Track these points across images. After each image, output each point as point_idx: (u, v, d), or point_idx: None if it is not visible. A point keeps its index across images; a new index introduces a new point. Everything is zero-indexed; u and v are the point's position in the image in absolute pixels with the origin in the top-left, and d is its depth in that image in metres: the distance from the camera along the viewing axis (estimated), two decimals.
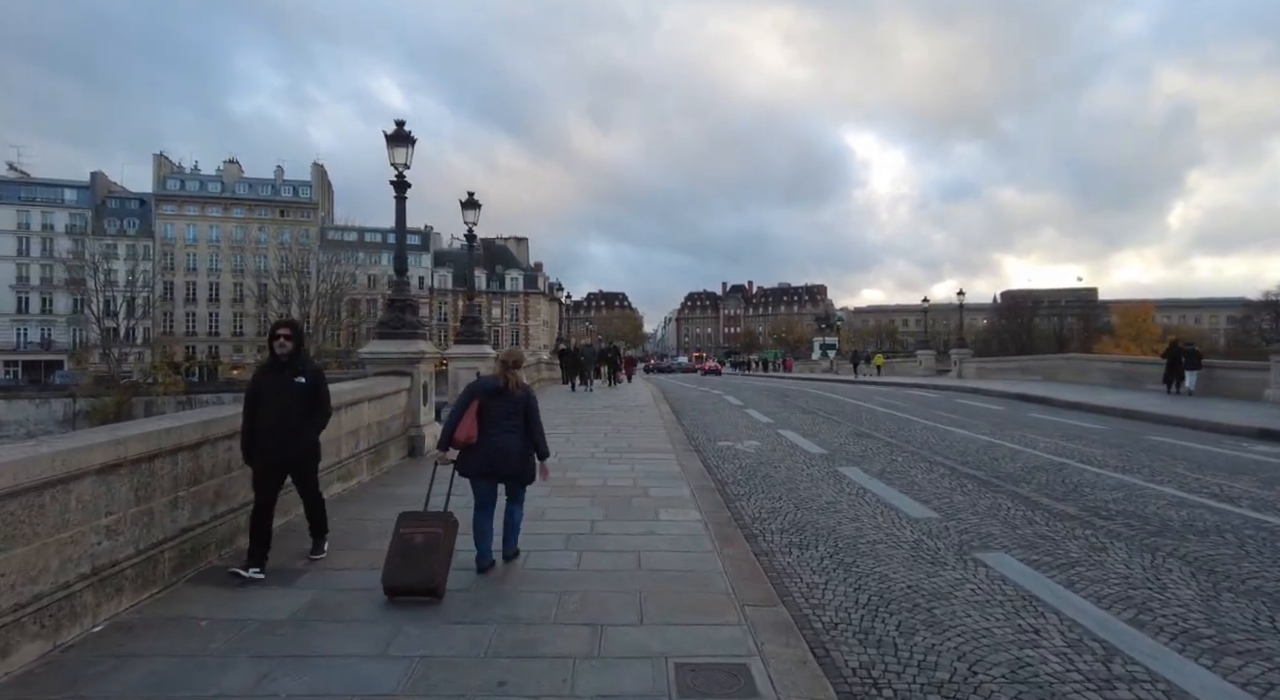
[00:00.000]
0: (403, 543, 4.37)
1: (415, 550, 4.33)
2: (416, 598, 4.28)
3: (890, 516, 6.99)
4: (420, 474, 8.18)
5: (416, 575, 4.27)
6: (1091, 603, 4.65)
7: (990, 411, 17.03)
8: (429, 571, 4.28)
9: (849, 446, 11.47)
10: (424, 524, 4.48)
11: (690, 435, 13.05)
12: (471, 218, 13.39)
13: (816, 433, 13.18)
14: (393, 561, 4.32)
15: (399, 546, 4.37)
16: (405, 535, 4.40)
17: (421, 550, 4.33)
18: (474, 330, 13.64)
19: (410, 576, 4.28)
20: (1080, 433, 12.90)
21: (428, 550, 4.34)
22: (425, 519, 4.55)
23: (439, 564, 4.34)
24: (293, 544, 5.31)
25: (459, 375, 13.52)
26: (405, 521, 4.52)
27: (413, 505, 5.08)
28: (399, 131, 9.44)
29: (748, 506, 7.44)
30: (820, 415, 16.49)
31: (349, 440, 7.27)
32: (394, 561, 4.32)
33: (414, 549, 4.33)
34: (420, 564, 4.29)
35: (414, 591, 4.28)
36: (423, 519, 4.55)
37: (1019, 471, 9.17)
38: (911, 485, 8.38)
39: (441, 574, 4.36)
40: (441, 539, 4.42)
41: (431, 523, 4.50)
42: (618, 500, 6.95)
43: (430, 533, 4.40)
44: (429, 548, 4.35)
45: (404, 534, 4.41)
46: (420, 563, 4.29)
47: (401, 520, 4.53)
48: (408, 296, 9.49)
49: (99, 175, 75.95)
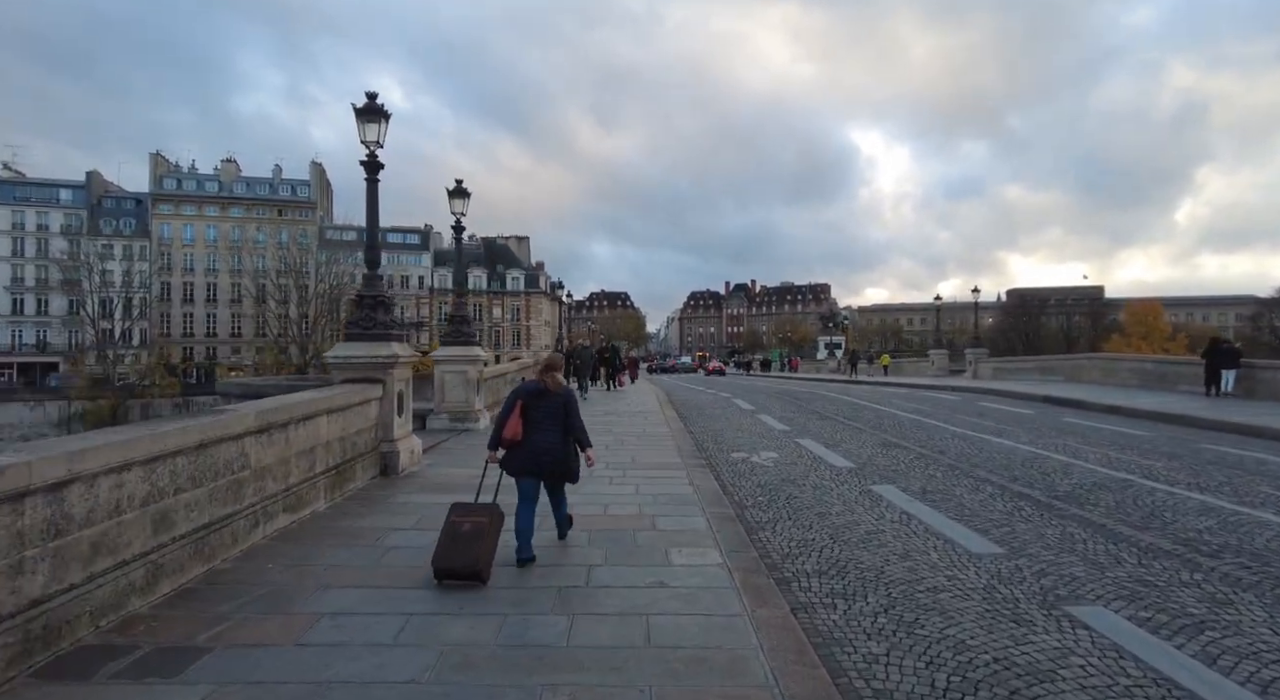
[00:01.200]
0: (452, 529, 4.72)
1: (463, 537, 4.67)
2: (462, 581, 4.59)
3: (946, 552, 5.84)
4: (391, 499, 7.04)
5: (463, 559, 4.60)
6: (1256, 694, 3.49)
7: (1021, 416, 15.84)
8: (474, 557, 4.60)
9: (878, 459, 10.30)
10: (472, 514, 4.82)
11: (700, 445, 11.89)
12: (460, 207, 12.23)
13: (839, 442, 12.01)
14: (442, 545, 4.68)
15: (449, 531, 4.72)
16: (455, 523, 4.75)
17: (468, 537, 4.66)
18: (462, 330, 12.45)
19: (457, 560, 4.60)
20: (1128, 441, 11.72)
21: (474, 538, 4.67)
22: (474, 510, 4.87)
23: (484, 551, 4.67)
24: (198, 609, 4.15)
25: (446, 379, 12.44)
26: (455, 511, 4.86)
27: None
28: (370, 105, 8.31)
29: (774, 539, 6.28)
30: (840, 421, 15.30)
31: (300, 462, 6.13)
32: (444, 545, 4.68)
33: (461, 535, 4.68)
34: (467, 550, 4.62)
35: (459, 575, 4.61)
36: (472, 510, 4.87)
37: (1079, 490, 8.00)
38: (960, 509, 7.22)
39: (486, 560, 4.68)
40: (487, 529, 4.75)
41: (479, 513, 4.83)
42: (620, 536, 5.79)
43: (477, 522, 4.75)
44: (475, 535, 4.68)
45: (454, 521, 4.76)
46: (467, 549, 4.61)
47: (453, 510, 4.88)
48: (379, 292, 8.34)
49: (94, 175, 75.01)
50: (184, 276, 76.93)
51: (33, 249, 71.29)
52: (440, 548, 4.66)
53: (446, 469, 8.66)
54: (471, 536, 4.66)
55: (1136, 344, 77.53)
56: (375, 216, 8.46)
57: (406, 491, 7.33)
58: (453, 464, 9.17)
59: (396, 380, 8.15)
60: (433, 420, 12.36)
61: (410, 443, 8.57)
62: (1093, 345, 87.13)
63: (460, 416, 12.40)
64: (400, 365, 8.21)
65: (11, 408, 60.92)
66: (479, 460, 9.74)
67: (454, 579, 4.62)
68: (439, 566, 4.63)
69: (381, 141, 8.46)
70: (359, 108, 8.30)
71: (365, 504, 6.77)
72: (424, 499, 7.02)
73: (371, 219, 8.42)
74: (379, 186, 8.44)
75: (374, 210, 8.42)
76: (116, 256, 72.10)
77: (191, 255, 77.18)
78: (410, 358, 8.44)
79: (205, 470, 4.68)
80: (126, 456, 3.83)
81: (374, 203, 8.39)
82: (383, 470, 7.99)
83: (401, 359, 8.14)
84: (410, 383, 8.69)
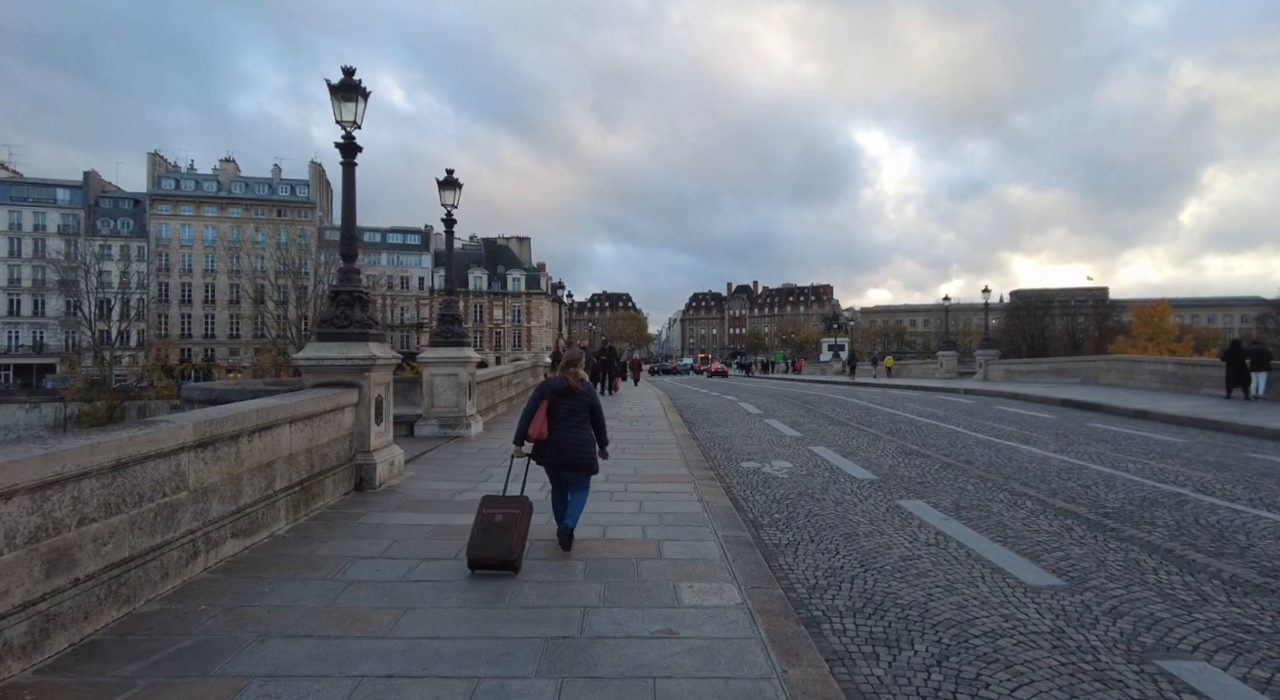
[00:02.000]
0: (485, 520, 4.82)
1: (496, 528, 4.77)
2: (495, 571, 4.72)
3: (997, 583, 5.05)
4: (363, 519, 6.26)
5: (496, 550, 4.71)
6: None
7: (1043, 421, 15.03)
8: (507, 547, 4.72)
9: (900, 469, 9.50)
10: (504, 506, 4.93)
11: (707, 453, 11.10)
12: (450, 199, 11.43)
13: (856, 450, 11.21)
14: (476, 537, 4.77)
15: (482, 523, 4.81)
16: (488, 515, 4.85)
17: (501, 528, 4.78)
18: (453, 330, 11.62)
19: (491, 551, 4.71)
20: (1166, 449, 10.91)
21: (506, 528, 4.78)
22: (505, 502, 4.99)
23: (517, 541, 4.78)
24: (98, 671, 3.37)
25: (435, 383, 11.45)
26: (487, 503, 4.98)
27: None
28: (347, 82, 7.55)
29: (797, 566, 5.49)
30: (853, 426, 14.49)
31: (255, 479, 5.34)
32: (477, 537, 4.77)
33: (495, 526, 4.78)
34: (500, 541, 4.73)
35: (493, 565, 4.72)
36: (503, 502, 4.99)
37: (1129, 507, 7.21)
38: (1002, 529, 6.44)
39: (518, 550, 4.78)
40: (519, 519, 4.86)
41: (510, 505, 4.94)
42: (621, 567, 5.00)
43: (509, 513, 4.86)
44: (508, 526, 4.79)
45: (486, 514, 4.86)
46: (500, 540, 4.73)
47: (484, 502, 5.00)
48: (356, 287, 7.55)
49: (92, 174, 74.37)
50: (182, 277, 76.25)
51: (29, 249, 70.65)
52: (474, 539, 4.78)
53: (430, 483, 7.87)
54: (504, 527, 4.79)
55: (1143, 345, 76.77)
56: (352, 203, 7.68)
57: (381, 510, 6.54)
58: (438, 476, 8.38)
59: (374, 384, 7.37)
60: (421, 426, 11.57)
61: (390, 453, 7.78)
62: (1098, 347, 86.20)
63: (451, 422, 11.61)
64: (379, 368, 7.43)
65: (7, 410, 60.20)
66: (468, 472, 9.15)
67: (488, 569, 4.74)
68: (474, 557, 4.74)
69: (359, 122, 7.69)
70: (334, 84, 7.54)
71: (332, 525, 5.97)
72: (399, 519, 6.23)
73: (348, 206, 7.64)
74: (356, 171, 7.66)
75: (350, 196, 7.63)
76: (114, 257, 71.49)
77: (189, 256, 76.52)
78: (390, 360, 7.66)
79: (125, 494, 3.90)
80: (2, 483, 3.05)
81: (350, 188, 7.62)
82: (358, 484, 7.21)
83: (380, 361, 7.35)
84: (390, 387, 7.90)
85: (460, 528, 5.86)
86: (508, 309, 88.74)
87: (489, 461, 9.46)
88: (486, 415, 14.23)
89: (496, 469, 8.84)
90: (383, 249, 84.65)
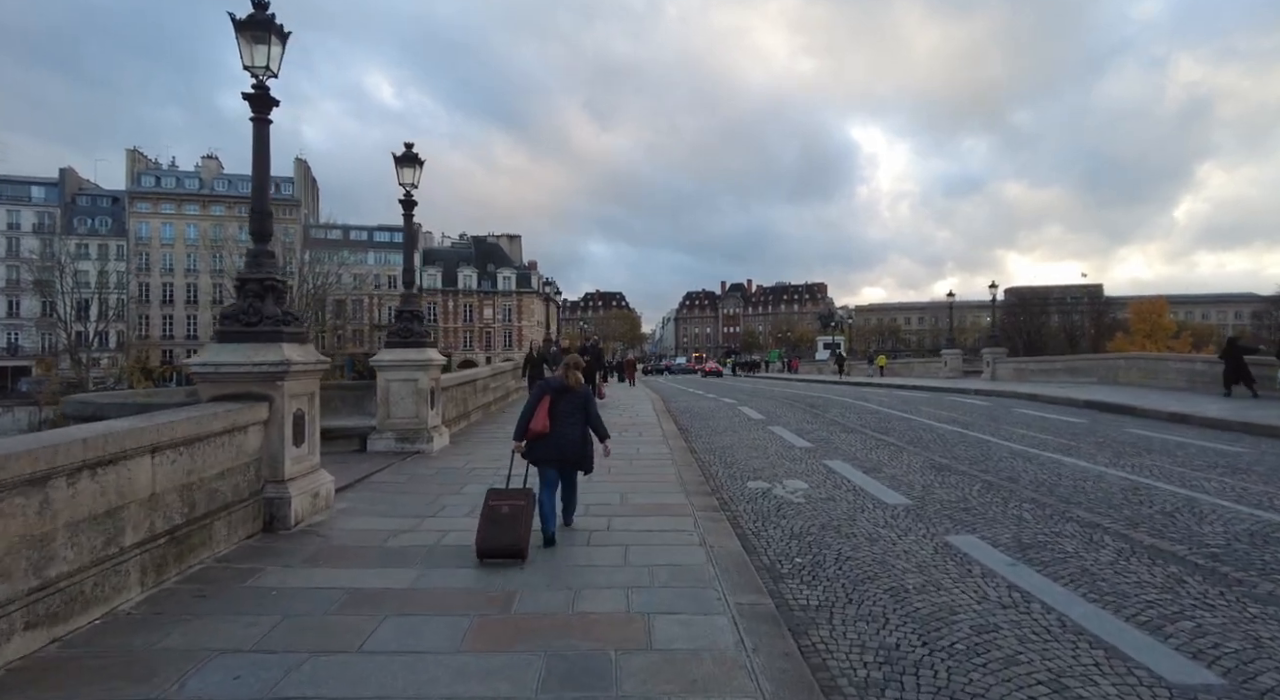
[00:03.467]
0: (492, 512, 5.07)
1: (503, 519, 5.04)
2: (505, 559, 4.95)
3: (1122, 676, 3.59)
4: (256, 580, 4.68)
5: (506, 540, 4.98)
6: None
7: (1075, 427, 13.59)
8: (516, 536, 4.99)
9: (936, 490, 8.03)
10: (509, 498, 5.18)
11: (707, 469, 9.59)
12: (409, 177, 9.81)
13: (878, 465, 9.73)
14: (484, 529, 5.03)
15: (489, 515, 5.06)
16: (494, 506, 5.11)
17: (509, 519, 5.04)
18: (412, 329, 9.97)
19: (501, 540, 4.98)
20: (1233, 462, 9.48)
21: (513, 519, 5.04)
22: (510, 494, 5.24)
23: (523, 530, 5.04)
24: None
25: (391, 390, 9.85)
26: (493, 496, 5.22)
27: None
28: (256, 17, 6.02)
29: (837, 646, 4.00)
30: (868, 434, 13.01)
31: (84, 536, 3.79)
32: (485, 529, 5.03)
33: (502, 517, 5.05)
34: (510, 530, 5.01)
35: (503, 554, 4.98)
36: (508, 494, 5.23)
37: (1238, 545, 5.75)
38: (1091, 580, 4.97)
39: (525, 539, 5.06)
40: (524, 510, 5.13)
41: (516, 496, 5.21)
42: (593, 667, 3.46)
43: (515, 504, 5.12)
44: (515, 516, 5.06)
45: (493, 505, 5.12)
46: (509, 529, 5.00)
47: (490, 495, 5.24)
48: (269, 275, 5.97)
49: (69, 171, 72.29)
50: (163, 277, 74.29)
51: (3, 248, 68.58)
52: (482, 531, 4.99)
53: (362, 520, 6.26)
54: (511, 518, 5.02)
55: (1141, 342, 76.06)
56: (265, 167, 6.14)
57: (286, 563, 4.97)
58: (377, 509, 6.73)
59: (290, 397, 5.81)
60: (375, 440, 10.00)
61: (314, 482, 6.22)
62: (1095, 344, 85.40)
63: (409, 436, 10.04)
64: (296, 376, 5.87)
65: None
66: (416, 503, 7.28)
67: (498, 558, 4.94)
68: (483, 548, 4.96)
69: (275, 71, 6.15)
70: (240, 20, 5.98)
71: (207, 591, 4.39)
72: (305, 578, 4.66)
73: (260, 169, 6.11)
74: (269, 129, 6.13)
75: (263, 158, 6.08)
76: (92, 256, 69.40)
77: (171, 255, 74.56)
78: (312, 366, 6.09)
79: None
80: None
81: (263, 150, 6.06)
82: (267, 524, 5.66)
83: (297, 366, 5.79)
84: (316, 398, 6.32)
85: (387, 592, 4.35)
86: (498, 308, 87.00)
87: (446, 486, 7.90)
88: (457, 425, 12.66)
89: (453, 497, 7.30)
90: (370, 247, 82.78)
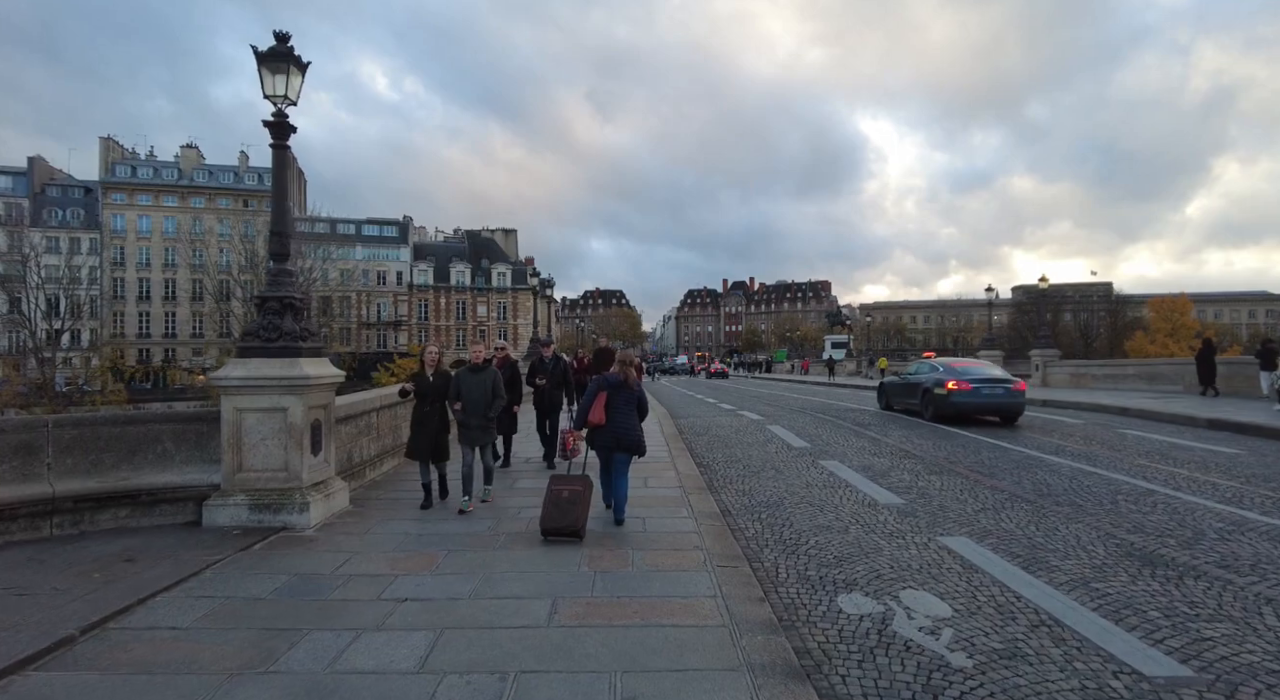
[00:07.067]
0: (554, 496, 5.93)
1: (564, 502, 5.86)
2: (565, 538, 5.82)
3: None
4: None
5: (566, 520, 5.82)
6: None
7: (1236, 460, 9.84)
8: (574, 517, 5.84)
9: (1155, 610, 4.30)
10: (569, 483, 6.04)
11: (760, 563, 5.85)
12: (278, 87, 5.54)
13: (1039, 552, 5.95)
14: (547, 510, 5.89)
15: (551, 499, 5.93)
16: (555, 491, 5.97)
17: (568, 502, 5.87)
18: (278, 326, 5.61)
19: (562, 521, 5.82)
20: None
21: (572, 502, 5.88)
22: (570, 480, 6.11)
23: (581, 512, 5.88)
24: None
25: (244, 424, 6.12)
26: (555, 481, 6.11)
27: None
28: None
29: None
30: (975, 480, 9.12)
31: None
32: (548, 510, 5.89)
33: (562, 501, 5.87)
34: (569, 512, 5.84)
35: (563, 533, 5.83)
36: (568, 480, 6.11)
37: None
38: None
39: (583, 520, 5.90)
40: (582, 494, 5.97)
41: (574, 482, 6.07)
42: None
43: (573, 489, 5.97)
44: (573, 500, 5.89)
45: (554, 490, 5.98)
46: (569, 511, 5.84)
47: (552, 480, 6.14)
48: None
49: (38, 160, 68.53)
50: (139, 272, 70.56)
51: None
52: (545, 512, 5.87)
53: None
54: (571, 501, 5.86)
55: (1163, 341, 72.52)
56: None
57: None
58: None
59: None
60: (214, 510, 6.26)
61: None
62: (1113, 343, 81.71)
63: (271, 501, 6.28)
64: None
65: None
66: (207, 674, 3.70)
67: (559, 537, 5.81)
68: (546, 528, 5.84)
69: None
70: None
71: None
72: None
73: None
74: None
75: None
76: (63, 250, 65.64)
77: (147, 249, 70.84)
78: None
79: None
80: None
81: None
82: None
83: None
84: None
85: None
86: (493, 305, 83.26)
87: (302, 618, 4.24)
88: (375, 469, 8.66)
89: (256, 680, 3.56)
90: (358, 241, 79.02)
